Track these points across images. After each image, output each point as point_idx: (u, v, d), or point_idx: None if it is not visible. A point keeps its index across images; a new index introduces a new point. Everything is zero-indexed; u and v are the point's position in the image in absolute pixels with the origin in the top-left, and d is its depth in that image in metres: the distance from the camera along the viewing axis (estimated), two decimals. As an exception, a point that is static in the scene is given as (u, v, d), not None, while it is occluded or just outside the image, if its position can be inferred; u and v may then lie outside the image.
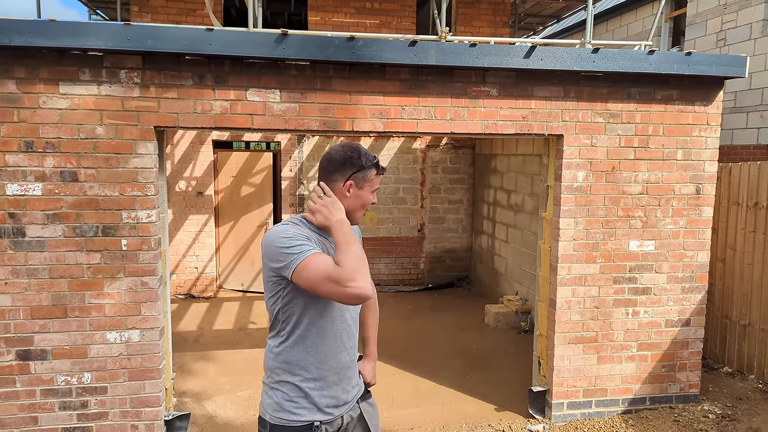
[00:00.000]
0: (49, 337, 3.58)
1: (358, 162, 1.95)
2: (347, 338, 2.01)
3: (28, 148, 3.46)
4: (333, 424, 1.98)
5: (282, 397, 1.93)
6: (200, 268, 7.97)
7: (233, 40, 3.50)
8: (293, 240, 1.82)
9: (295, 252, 1.79)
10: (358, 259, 1.76)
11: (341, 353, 1.98)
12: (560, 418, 4.28)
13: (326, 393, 1.95)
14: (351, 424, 2.04)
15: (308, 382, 1.93)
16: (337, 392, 1.98)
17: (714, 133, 4.31)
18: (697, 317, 4.43)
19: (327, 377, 1.95)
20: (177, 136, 7.71)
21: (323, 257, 1.79)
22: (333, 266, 1.74)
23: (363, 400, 2.11)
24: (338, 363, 1.97)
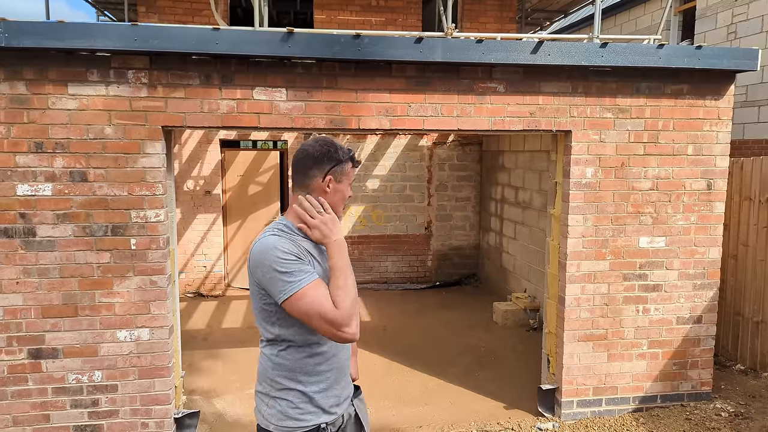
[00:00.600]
0: (60, 335, 3.62)
1: (336, 156, 1.90)
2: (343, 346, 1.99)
3: (38, 148, 3.48)
4: (336, 423, 1.98)
5: (286, 405, 1.90)
6: (208, 266, 8.00)
7: (240, 39, 3.51)
8: (290, 263, 1.76)
9: (292, 279, 1.75)
10: (353, 298, 1.77)
11: (340, 352, 1.97)
12: (570, 417, 4.25)
13: (329, 393, 1.94)
14: (349, 421, 2.05)
15: (312, 386, 1.91)
16: (338, 391, 1.98)
17: (725, 128, 4.25)
18: (709, 314, 4.39)
19: (329, 378, 1.94)
20: (185, 136, 7.75)
21: (320, 289, 1.76)
22: (330, 306, 1.73)
23: (355, 397, 2.11)
24: (338, 362, 1.97)
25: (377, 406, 4.50)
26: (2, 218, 3.49)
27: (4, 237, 3.50)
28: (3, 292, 3.53)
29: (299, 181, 1.93)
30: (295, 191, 1.94)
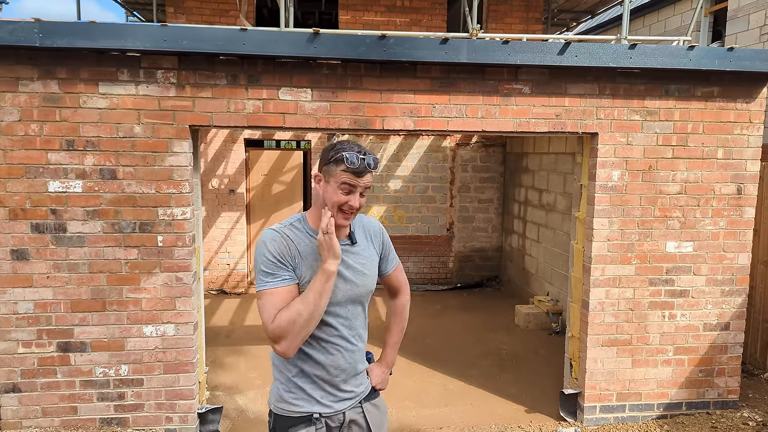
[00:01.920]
0: (88, 329, 3.70)
1: (326, 155, 1.90)
2: (342, 342, 1.97)
3: (70, 146, 3.57)
4: (334, 418, 1.98)
5: (282, 389, 1.97)
6: (232, 264, 8.10)
7: (266, 39, 3.54)
8: (268, 263, 1.84)
9: (261, 278, 1.85)
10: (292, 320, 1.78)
11: (332, 356, 1.95)
12: (592, 422, 4.20)
13: (321, 388, 1.96)
14: (354, 422, 2.04)
15: (302, 379, 1.95)
16: (333, 390, 1.97)
17: (756, 131, 4.16)
18: (737, 321, 4.29)
19: (318, 375, 1.95)
20: (210, 135, 7.85)
21: (274, 298, 1.82)
22: (269, 317, 1.80)
23: (368, 401, 2.10)
24: (329, 364, 1.95)
25: (397, 407, 4.50)
26: (34, 214, 3.59)
27: (35, 232, 3.60)
28: (34, 286, 3.63)
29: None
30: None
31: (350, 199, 1.87)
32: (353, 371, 2.02)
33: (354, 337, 2.01)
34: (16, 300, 3.64)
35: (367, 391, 2.10)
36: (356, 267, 1.98)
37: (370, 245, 2.09)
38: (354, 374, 2.03)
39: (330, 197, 1.87)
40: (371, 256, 2.07)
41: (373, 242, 2.10)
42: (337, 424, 1.99)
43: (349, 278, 1.96)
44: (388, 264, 2.18)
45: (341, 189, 1.86)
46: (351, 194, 1.87)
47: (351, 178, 1.86)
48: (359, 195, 1.89)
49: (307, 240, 1.92)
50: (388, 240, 2.19)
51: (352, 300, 1.98)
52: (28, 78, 3.51)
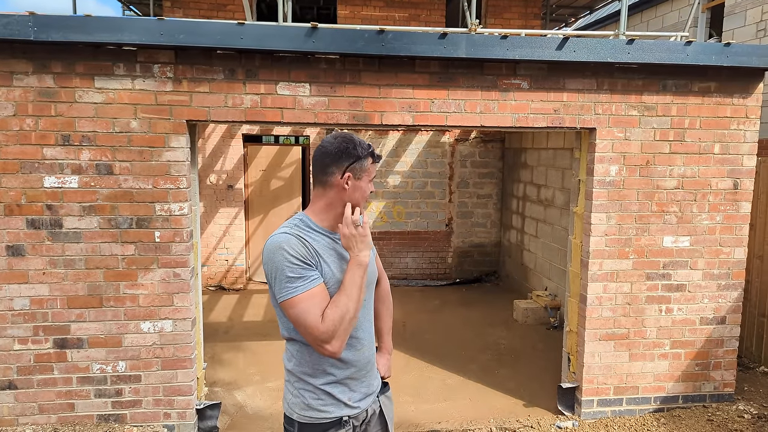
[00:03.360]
0: (85, 326, 3.69)
1: (354, 152, 1.86)
2: (363, 335, 1.97)
3: (65, 141, 3.55)
4: (359, 417, 1.98)
5: (309, 397, 1.91)
6: (230, 260, 8.09)
7: (264, 34, 3.53)
8: (294, 267, 1.77)
9: (290, 285, 1.76)
10: (342, 316, 1.75)
11: (359, 351, 1.95)
12: (590, 416, 4.22)
13: (350, 389, 1.95)
14: (373, 417, 2.05)
15: (329, 384, 1.91)
16: (360, 387, 1.98)
17: (753, 127, 4.16)
18: (733, 315, 4.31)
19: (348, 375, 1.94)
20: (208, 130, 7.83)
21: (313, 300, 1.76)
22: (314, 319, 1.74)
23: (381, 394, 2.11)
24: (357, 360, 1.95)
25: (396, 402, 4.47)
26: (30, 210, 3.57)
27: (31, 228, 3.59)
28: (30, 282, 3.62)
29: (318, 177, 1.90)
30: (315, 187, 1.93)
31: (370, 186, 1.95)
32: (372, 370, 2.03)
33: (371, 326, 2.05)
34: (12, 296, 3.62)
35: (380, 384, 2.11)
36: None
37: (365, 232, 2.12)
38: (373, 373, 2.05)
39: (364, 192, 1.91)
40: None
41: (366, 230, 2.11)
42: (360, 422, 1.99)
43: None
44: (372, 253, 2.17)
45: (367, 182, 1.92)
46: (371, 182, 1.96)
47: (373, 169, 1.94)
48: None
49: (321, 239, 1.88)
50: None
51: (368, 286, 1.97)
52: (22, 72, 3.48)
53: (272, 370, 5.14)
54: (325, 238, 1.89)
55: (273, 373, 5.08)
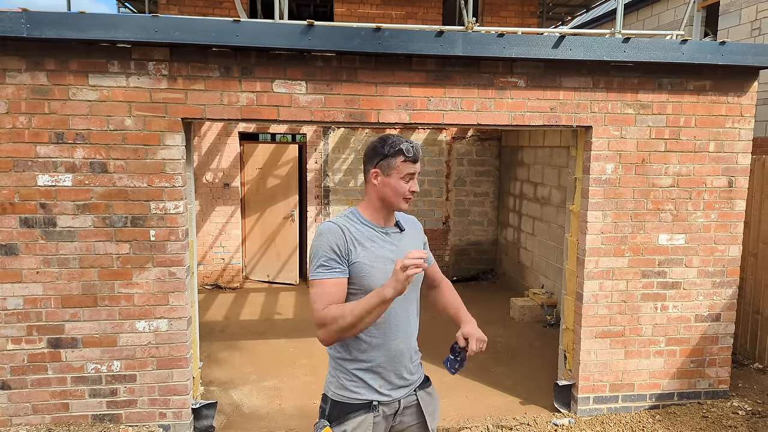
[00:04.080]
0: (79, 325, 3.67)
1: (382, 151, 2.03)
2: (397, 330, 2.08)
3: (59, 139, 3.53)
4: (390, 405, 2.09)
5: (344, 378, 2.07)
6: (227, 259, 8.07)
7: (260, 31, 3.51)
8: (325, 254, 1.96)
9: (317, 269, 1.97)
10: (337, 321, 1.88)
11: (391, 342, 2.06)
12: (586, 413, 4.23)
13: (380, 377, 2.06)
14: (408, 409, 2.15)
15: (363, 371, 2.05)
16: (391, 377, 2.08)
17: (747, 125, 4.18)
18: (728, 312, 4.33)
19: (379, 364, 2.05)
20: (204, 128, 7.80)
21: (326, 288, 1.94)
22: (321, 305, 1.92)
23: (421, 389, 2.20)
24: (389, 351, 2.06)
25: (391, 400, 4.51)
26: (23, 208, 3.55)
27: (24, 227, 3.56)
28: (23, 281, 3.60)
29: (364, 175, 2.13)
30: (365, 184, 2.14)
31: (411, 185, 2.05)
32: (410, 356, 2.13)
33: (411, 321, 2.15)
34: (5, 296, 3.60)
35: (421, 379, 2.22)
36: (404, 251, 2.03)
37: (415, 233, 2.24)
38: (411, 360, 2.14)
39: (395, 188, 2.03)
40: (417, 244, 2.22)
41: (417, 231, 2.27)
42: (392, 411, 2.11)
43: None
44: (429, 257, 2.31)
45: (404, 179, 2.03)
46: (411, 181, 2.05)
47: (410, 167, 2.02)
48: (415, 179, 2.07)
49: (364, 229, 2.05)
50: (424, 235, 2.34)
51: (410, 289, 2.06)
52: (15, 69, 3.45)
53: (269, 368, 5.13)
54: (368, 229, 2.06)
55: (269, 371, 5.07)
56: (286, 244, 8.21)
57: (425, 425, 2.18)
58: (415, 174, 2.06)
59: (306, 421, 4.20)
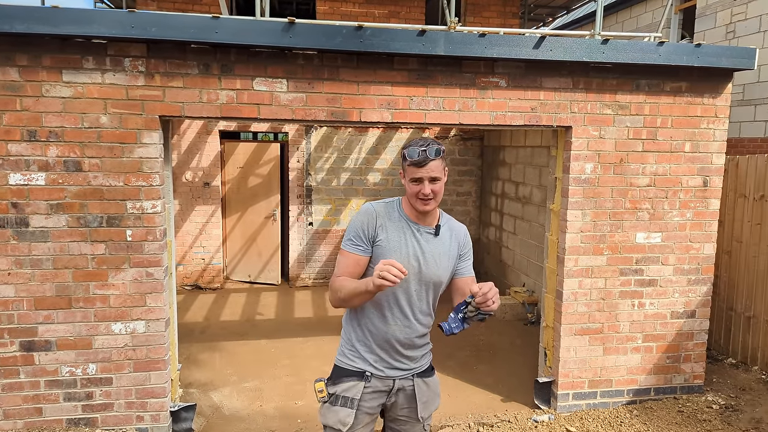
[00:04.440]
0: (53, 327, 3.59)
1: (402, 152, 2.18)
2: (396, 321, 2.21)
3: (31, 137, 3.44)
4: (384, 381, 2.24)
5: (346, 347, 2.30)
6: (207, 259, 7.97)
7: (240, 28, 3.47)
8: (355, 230, 2.20)
9: (346, 240, 2.22)
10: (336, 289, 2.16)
11: (389, 330, 2.20)
12: (565, 409, 4.27)
13: (376, 354, 2.23)
14: (403, 392, 2.27)
15: (359, 343, 2.25)
16: (386, 358, 2.23)
17: (722, 126, 4.26)
18: (703, 309, 4.41)
19: (373, 343, 2.22)
20: (183, 126, 7.69)
21: (348, 260, 2.19)
22: (337, 272, 2.21)
23: (420, 377, 2.31)
24: (386, 337, 2.21)
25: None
26: (-4, 208, 3.45)
27: (-3, 226, 3.47)
28: (-4, 282, 3.50)
29: None
30: None
31: (421, 188, 2.12)
32: (410, 345, 2.24)
33: (413, 315, 2.23)
34: (-22, 297, 3.50)
35: (422, 368, 2.33)
36: (429, 254, 2.21)
37: (452, 243, 2.28)
38: (410, 349, 2.25)
39: (408, 190, 2.18)
40: (447, 252, 2.25)
41: (455, 242, 2.29)
42: (386, 388, 2.25)
43: (420, 261, 2.19)
44: (464, 268, 2.32)
45: (411, 181, 2.14)
46: (420, 183, 2.12)
47: (415, 171, 2.11)
48: (429, 182, 2.11)
49: (399, 218, 2.22)
50: (469, 247, 2.36)
51: (418, 280, 2.21)
52: (-14, 65, 3.36)
53: (249, 370, 5.08)
54: (402, 220, 2.22)
55: (250, 373, 5.02)
56: (267, 243, 8.14)
57: (416, 411, 2.29)
58: (422, 178, 2.10)
59: (287, 422, 4.17)
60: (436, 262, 2.21)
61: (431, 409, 2.36)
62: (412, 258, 2.17)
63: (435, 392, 2.38)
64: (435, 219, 2.26)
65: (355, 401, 2.20)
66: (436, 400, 2.39)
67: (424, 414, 2.32)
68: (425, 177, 2.10)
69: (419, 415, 2.30)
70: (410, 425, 2.33)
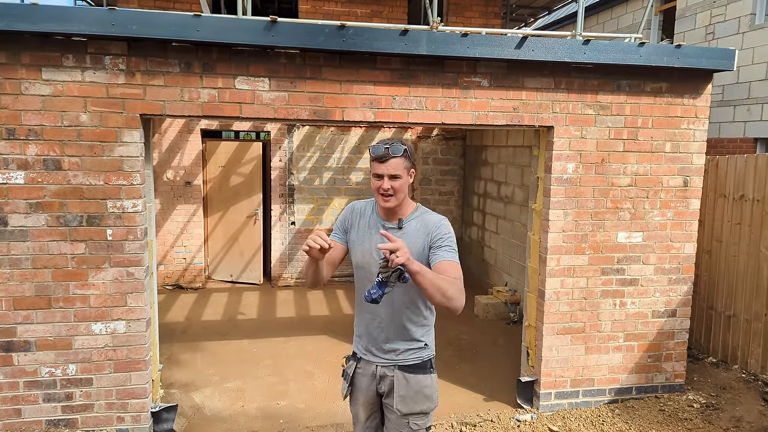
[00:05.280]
0: (32, 328, 3.53)
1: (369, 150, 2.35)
2: (374, 316, 2.38)
3: (10, 135, 3.39)
4: (369, 365, 2.44)
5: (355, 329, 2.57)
6: (188, 258, 7.90)
7: (221, 26, 3.44)
8: (337, 222, 2.52)
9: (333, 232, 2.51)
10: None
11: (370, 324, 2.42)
12: (548, 408, 4.31)
13: (363, 341, 2.48)
14: (385, 380, 2.41)
15: (355, 329, 2.55)
16: (369, 346, 2.44)
17: (702, 126, 4.32)
18: (683, 308, 4.47)
19: (363, 334, 2.47)
20: (165, 125, 7.61)
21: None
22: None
23: (402, 370, 2.39)
24: (368, 329, 2.43)
25: (357, 399, 4.50)
26: (-28, 207, 3.39)
27: (-26, 226, 3.40)
28: (-27, 282, 3.44)
29: None
30: None
31: (381, 183, 2.24)
32: (383, 338, 2.39)
33: (393, 315, 2.35)
34: (-47, 298, 3.43)
35: (405, 363, 2.40)
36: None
37: (419, 235, 2.31)
38: (387, 341, 2.38)
39: (372, 185, 2.30)
40: (414, 243, 2.29)
41: (424, 232, 2.32)
42: (370, 373, 2.44)
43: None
44: (436, 253, 2.26)
45: (374, 177, 2.28)
46: (381, 179, 2.25)
47: (377, 166, 2.25)
48: (389, 179, 2.23)
49: (372, 215, 2.42)
50: (441, 235, 2.29)
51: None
52: (-38, 62, 3.29)
53: (231, 370, 5.05)
54: (374, 217, 2.40)
55: (232, 373, 4.99)
56: (249, 243, 8.09)
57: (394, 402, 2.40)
58: (383, 175, 2.22)
59: (270, 422, 4.15)
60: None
61: (412, 406, 2.37)
62: (374, 251, 2.30)
63: (417, 390, 2.38)
64: (403, 215, 2.35)
65: (348, 376, 2.50)
66: (419, 399, 2.38)
67: (401, 407, 2.36)
68: (385, 173, 2.22)
69: (395, 407, 2.37)
70: (394, 417, 2.40)
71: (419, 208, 2.39)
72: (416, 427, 2.41)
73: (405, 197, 2.32)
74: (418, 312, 2.38)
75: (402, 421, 2.38)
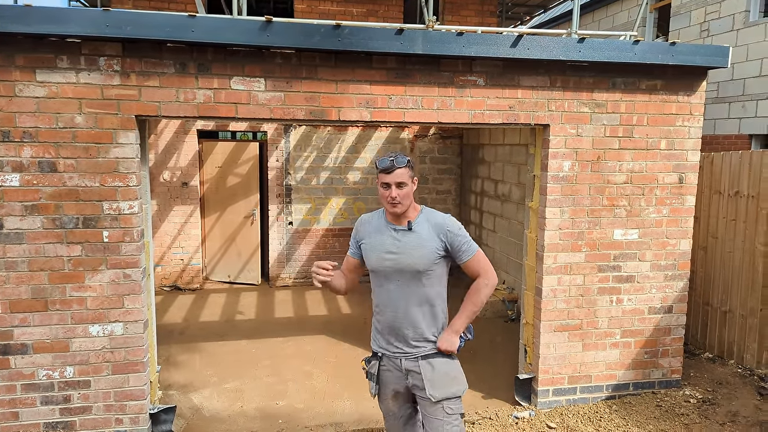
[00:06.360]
0: (29, 330, 3.52)
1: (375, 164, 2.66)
2: (387, 309, 2.59)
3: (5, 137, 3.37)
4: (393, 361, 2.60)
5: (372, 331, 2.72)
6: (186, 259, 7.89)
7: (216, 27, 3.44)
8: (352, 239, 2.75)
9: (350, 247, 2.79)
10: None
11: (387, 317, 2.59)
12: (546, 405, 4.32)
13: (382, 337, 2.63)
14: (413, 373, 2.57)
15: (374, 327, 2.69)
16: (391, 340, 2.60)
17: (697, 123, 4.34)
18: (679, 304, 4.49)
19: (382, 329, 2.63)
20: (161, 126, 7.60)
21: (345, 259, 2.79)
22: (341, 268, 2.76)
23: (425, 358, 2.57)
24: (386, 323, 2.60)
25: (356, 398, 4.50)
26: (-32, 209, 3.38)
27: (-30, 229, 3.39)
28: (-31, 285, 3.42)
29: None
30: None
31: (390, 191, 2.48)
32: (403, 334, 2.56)
33: (403, 304, 2.55)
34: (-51, 301, 3.42)
35: (425, 352, 2.58)
36: (404, 247, 2.53)
37: (430, 234, 2.55)
38: (404, 336, 2.56)
39: (379, 194, 2.54)
40: (425, 242, 2.53)
41: (435, 233, 2.55)
42: (395, 367, 2.60)
43: (394, 253, 2.54)
44: (461, 255, 2.61)
45: (381, 186, 2.52)
46: (389, 188, 2.49)
47: (384, 177, 2.49)
48: (396, 187, 2.48)
49: (380, 222, 2.63)
50: (456, 234, 2.57)
51: (398, 271, 2.54)
52: (-44, 64, 3.28)
53: (230, 370, 5.05)
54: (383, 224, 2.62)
55: (231, 373, 4.99)
56: (247, 243, 8.09)
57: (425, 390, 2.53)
58: (390, 184, 2.47)
59: (268, 422, 4.15)
60: (410, 252, 2.52)
61: (444, 390, 2.53)
62: (385, 253, 2.55)
63: (444, 372, 2.57)
64: (411, 218, 2.58)
65: (374, 376, 2.65)
66: (447, 381, 2.56)
67: (434, 393, 2.51)
68: (392, 182, 2.47)
69: (428, 393, 2.51)
70: (429, 406, 2.55)
71: (423, 209, 2.63)
72: (451, 411, 2.54)
73: (411, 202, 2.56)
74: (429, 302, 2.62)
75: (437, 406, 2.52)
